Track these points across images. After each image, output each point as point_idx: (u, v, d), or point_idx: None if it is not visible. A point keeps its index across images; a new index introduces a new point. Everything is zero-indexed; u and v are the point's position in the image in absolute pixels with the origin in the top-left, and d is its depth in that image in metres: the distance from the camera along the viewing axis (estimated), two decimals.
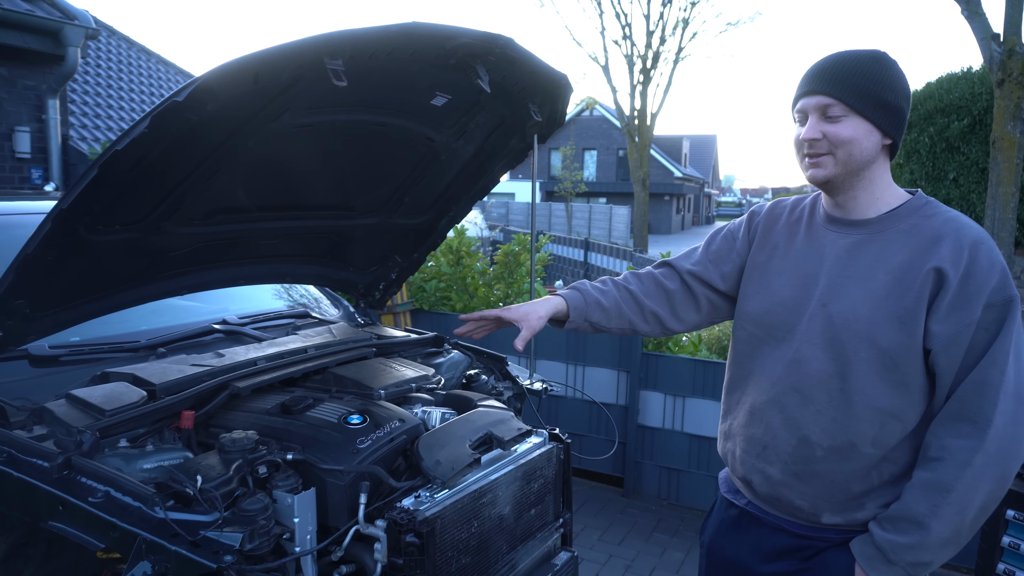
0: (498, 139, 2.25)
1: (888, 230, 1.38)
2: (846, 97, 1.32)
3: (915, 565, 1.30)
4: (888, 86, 1.34)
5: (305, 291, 2.98)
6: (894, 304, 1.32)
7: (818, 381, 1.38)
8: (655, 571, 3.33)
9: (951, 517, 1.27)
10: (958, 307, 1.28)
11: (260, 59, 1.34)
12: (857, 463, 1.36)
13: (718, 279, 1.62)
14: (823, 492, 1.40)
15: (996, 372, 1.26)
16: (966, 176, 12.98)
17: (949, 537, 1.28)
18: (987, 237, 1.32)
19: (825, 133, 1.35)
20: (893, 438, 1.34)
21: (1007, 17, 6.45)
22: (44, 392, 1.78)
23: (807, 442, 1.40)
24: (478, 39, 1.66)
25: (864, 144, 1.34)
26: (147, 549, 1.34)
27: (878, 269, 1.36)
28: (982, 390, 1.27)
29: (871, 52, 1.37)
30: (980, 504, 1.27)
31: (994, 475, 1.26)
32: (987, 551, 2.16)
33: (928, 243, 1.33)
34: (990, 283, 1.28)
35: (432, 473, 1.68)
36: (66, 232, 1.48)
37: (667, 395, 3.99)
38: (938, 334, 1.29)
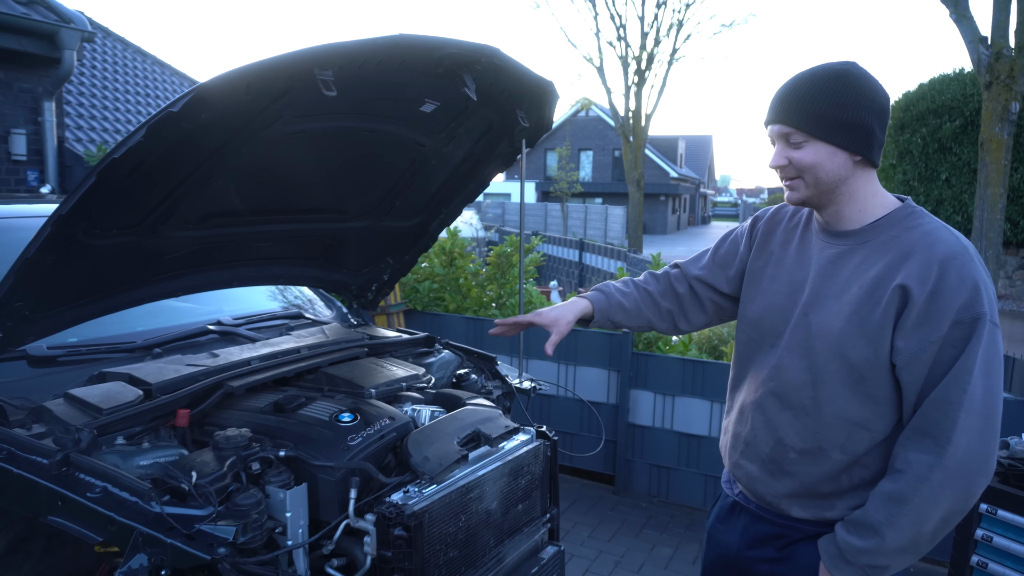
0: (487, 144, 2.31)
1: (870, 242, 1.40)
2: (803, 125, 1.35)
3: (871, 567, 1.35)
4: (847, 105, 1.34)
5: (299, 292, 3.03)
6: (863, 319, 1.35)
7: (794, 388, 1.44)
8: (644, 567, 3.38)
9: (906, 527, 1.30)
10: (923, 324, 1.30)
11: (253, 70, 1.39)
12: (826, 467, 1.42)
13: (724, 283, 1.68)
14: (794, 490, 1.47)
15: (957, 389, 1.28)
16: (958, 176, 13.09)
17: (904, 546, 1.32)
18: (962, 252, 1.31)
19: (790, 159, 1.39)
20: (861, 446, 1.39)
21: (994, 20, 6.53)
22: (42, 392, 1.83)
23: (782, 444, 1.46)
24: (464, 49, 1.71)
25: (828, 166, 1.36)
26: (144, 542, 1.39)
27: (854, 282, 1.39)
28: (943, 407, 1.29)
29: (832, 71, 1.37)
30: (941, 517, 1.30)
31: (954, 490, 1.29)
32: (961, 544, 2.22)
33: (900, 258, 1.35)
34: (958, 301, 1.28)
35: (420, 469, 1.74)
36: (65, 236, 1.53)
37: (657, 394, 4.05)
38: (903, 350, 1.31)
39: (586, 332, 4.23)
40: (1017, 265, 12.84)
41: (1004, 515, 2.14)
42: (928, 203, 13.62)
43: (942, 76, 13.93)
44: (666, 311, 1.73)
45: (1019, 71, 6.42)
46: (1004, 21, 6.49)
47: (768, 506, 1.54)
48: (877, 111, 1.36)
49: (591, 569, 3.34)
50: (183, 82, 10.97)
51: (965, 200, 12.73)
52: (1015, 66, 6.42)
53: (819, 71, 1.38)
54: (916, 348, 1.30)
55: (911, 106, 14.07)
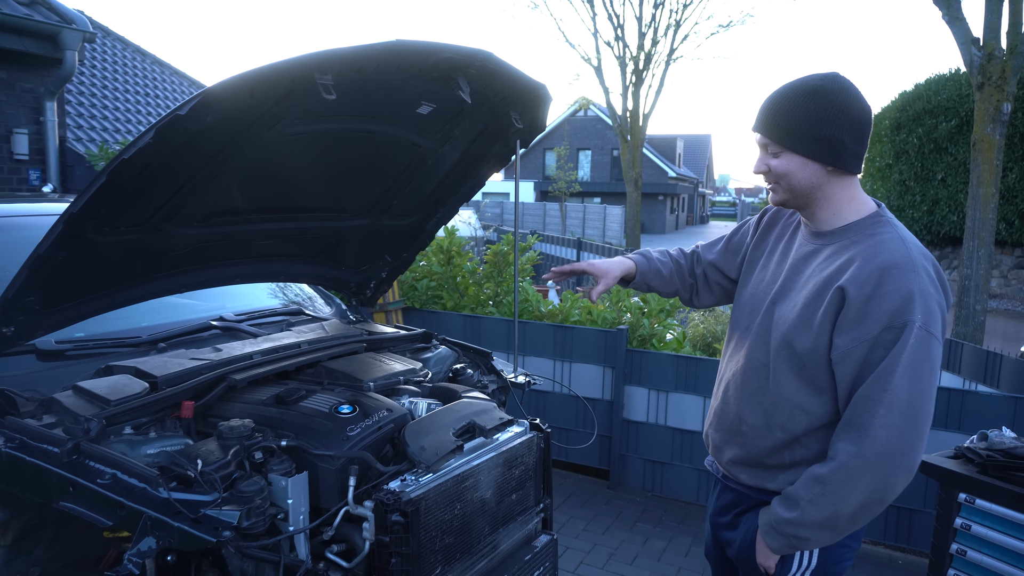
0: (482, 144, 2.37)
1: (834, 243, 1.53)
2: (778, 137, 1.49)
3: (795, 538, 1.51)
4: (821, 119, 1.45)
5: (299, 289, 3.09)
6: (810, 314, 1.49)
7: (755, 369, 1.61)
8: (637, 559, 3.45)
9: (825, 507, 1.44)
10: (857, 324, 1.42)
11: (256, 75, 1.45)
12: (769, 441, 1.58)
13: (732, 270, 1.85)
14: (742, 458, 1.66)
15: (879, 387, 1.39)
16: (953, 176, 13.16)
17: (822, 522, 1.46)
18: (905, 264, 1.41)
19: (769, 166, 1.53)
20: (800, 427, 1.53)
21: (986, 22, 6.59)
22: (51, 384, 1.89)
23: (739, 417, 1.65)
24: (459, 54, 1.78)
25: (800, 175, 1.50)
26: (152, 526, 1.45)
27: (812, 279, 1.52)
28: (866, 402, 1.40)
29: (808, 86, 1.48)
30: (859, 503, 1.42)
31: (870, 480, 1.40)
32: (941, 532, 2.29)
33: (848, 262, 1.47)
34: (891, 307, 1.39)
35: (417, 458, 1.80)
36: (75, 233, 1.59)
37: (651, 390, 4.12)
38: (838, 347, 1.44)
39: (581, 329, 4.30)
40: (1012, 264, 12.92)
41: (982, 504, 2.21)
42: (924, 203, 13.70)
43: (938, 76, 14.00)
44: (689, 285, 1.93)
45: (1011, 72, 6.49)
46: (996, 23, 6.55)
47: (727, 472, 1.74)
48: (850, 124, 1.46)
49: (586, 561, 3.41)
50: (182, 81, 11.03)
51: (961, 200, 12.80)
52: (1007, 67, 6.48)
53: (797, 85, 1.50)
54: (849, 346, 1.42)
55: (907, 106, 14.14)
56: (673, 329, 4.68)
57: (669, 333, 4.62)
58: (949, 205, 13.30)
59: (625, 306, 4.64)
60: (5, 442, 1.65)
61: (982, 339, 6.91)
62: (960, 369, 4.09)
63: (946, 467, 2.30)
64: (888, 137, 14.71)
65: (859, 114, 1.47)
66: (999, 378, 3.73)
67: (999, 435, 2.34)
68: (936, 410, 3.34)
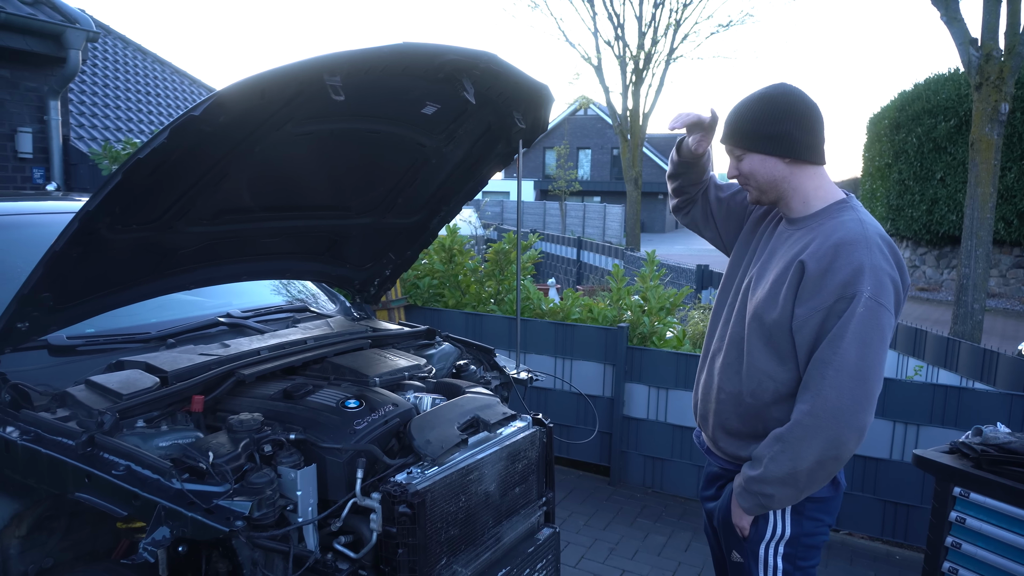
0: (485, 144, 2.41)
1: (803, 228, 1.69)
2: (738, 142, 1.71)
3: (761, 495, 1.64)
4: (769, 119, 1.65)
5: (304, 287, 3.13)
6: (776, 288, 1.64)
7: (734, 343, 1.76)
8: (638, 554, 3.49)
9: (784, 463, 1.58)
10: (814, 295, 1.57)
11: (268, 77, 1.49)
12: (742, 409, 1.73)
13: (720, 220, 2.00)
14: (719, 425, 1.80)
15: (830, 351, 1.53)
16: (953, 176, 13.20)
17: (783, 479, 1.59)
18: (859, 240, 1.56)
19: (739, 170, 1.74)
20: (767, 394, 1.67)
21: (984, 22, 6.63)
22: (63, 379, 1.93)
23: (719, 387, 1.79)
24: (464, 55, 1.81)
25: (762, 171, 1.69)
26: (166, 516, 1.49)
27: (781, 259, 1.68)
28: (819, 366, 1.55)
29: (758, 94, 1.69)
30: (815, 459, 1.55)
31: (824, 437, 1.54)
32: (937, 526, 2.33)
33: (810, 241, 1.63)
34: (843, 278, 1.54)
35: (423, 452, 1.84)
36: (90, 231, 1.63)
37: (651, 387, 4.16)
38: (797, 316, 1.59)
39: (582, 327, 4.34)
40: (1011, 264, 12.95)
41: (976, 498, 2.25)
42: (923, 202, 13.73)
43: (937, 76, 14.03)
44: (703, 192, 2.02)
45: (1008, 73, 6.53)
46: (994, 23, 6.59)
47: (711, 445, 1.86)
48: (795, 119, 1.64)
49: (587, 556, 3.45)
50: (183, 80, 11.06)
51: (960, 199, 12.83)
52: (1005, 68, 6.52)
53: (749, 97, 1.71)
54: (807, 315, 1.58)
55: (906, 106, 14.17)
56: (673, 327, 4.72)
57: (669, 331, 4.65)
58: (948, 204, 13.34)
59: (625, 304, 4.67)
60: (21, 435, 1.69)
61: (980, 338, 6.95)
62: (957, 367, 4.13)
63: (941, 462, 2.34)
64: (887, 137, 14.74)
65: (802, 109, 1.65)
66: (996, 376, 3.77)
67: (993, 430, 2.37)
68: (933, 407, 3.41)
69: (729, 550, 1.81)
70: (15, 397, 1.78)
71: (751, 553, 1.74)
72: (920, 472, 3.29)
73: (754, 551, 1.73)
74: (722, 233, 2.00)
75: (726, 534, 1.81)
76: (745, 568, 1.76)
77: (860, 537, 3.77)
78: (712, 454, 1.89)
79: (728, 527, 1.78)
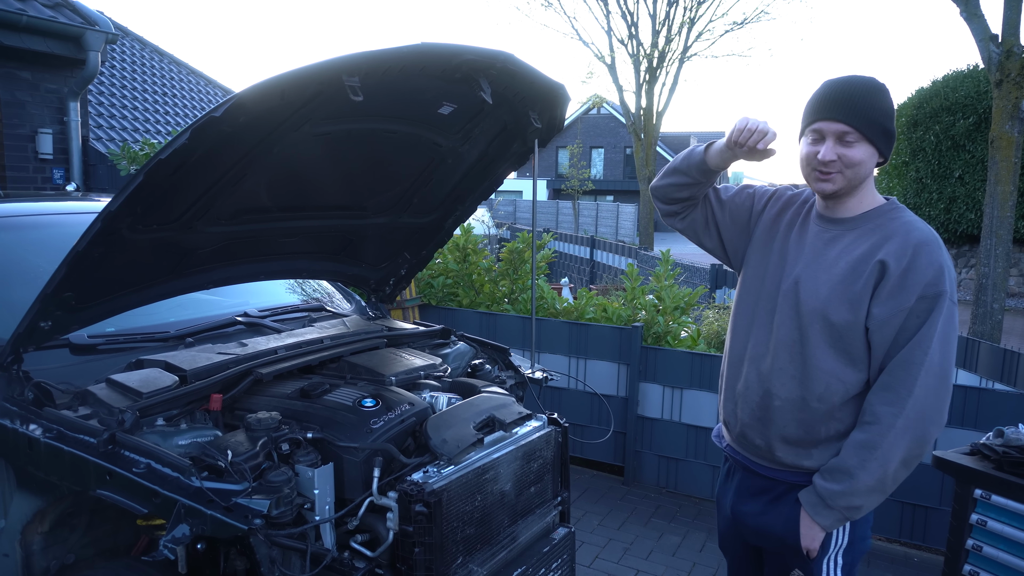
0: (501, 144, 2.41)
1: (859, 228, 1.65)
2: (861, 126, 1.56)
3: (848, 509, 1.59)
4: (888, 115, 1.60)
5: (319, 286, 3.15)
6: (847, 288, 1.60)
7: (784, 345, 1.68)
8: (652, 554, 3.48)
9: (876, 469, 1.54)
10: (895, 295, 1.54)
11: (287, 78, 1.50)
12: (806, 414, 1.65)
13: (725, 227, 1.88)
14: (777, 434, 1.70)
15: (919, 352, 1.52)
16: (971, 174, 13.02)
17: (874, 486, 1.56)
18: (933, 240, 1.57)
19: (840, 156, 1.58)
20: (836, 397, 1.62)
21: (1005, 18, 6.54)
22: (84, 377, 1.95)
23: (769, 393, 1.70)
24: (481, 55, 1.82)
25: (868, 165, 1.62)
26: (186, 513, 1.50)
27: (842, 259, 1.63)
28: (907, 366, 1.53)
29: (876, 84, 1.60)
30: (901, 459, 1.54)
31: (912, 436, 1.53)
32: (957, 528, 2.30)
33: (883, 240, 1.60)
34: (926, 278, 1.53)
35: (439, 451, 1.84)
36: (112, 231, 1.65)
37: (666, 387, 4.14)
38: (876, 315, 1.56)
39: (596, 327, 4.33)
40: None
41: (998, 500, 2.22)
42: (941, 200, 13.56)
43: (956, 73, 13.84)
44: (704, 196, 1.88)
45: None
46: (1015, 19, 6.49)
47: (754, 452, 1.76)
48: (894, 121, 1.62)
49: (601, 556, 3.44)
50: (199, 81, 11.15)
51: (978, 198, 12.67)
52: None
53: (868, 82, 1.60)
54: (887, 315, 1.55)
55: (924, 103, 14.00)
56: (687, 326, 4.70)
57: (684, 330, 4.63)
58: (966, 203, 13.17)
59: (640, 303, 4.66)
60: (43, 432, 1.71)
61: (999, 338, 6.86)
62: (977, 367, 4.08)
63: (962, 463, 2.32)
64: (905, 134, 14.57)
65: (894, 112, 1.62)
66: (1016, 376, 3.72)
67: (1015, 432, 2.34)
68: (952, 407, 3.35)
69: (788, 568, 1.75)
70: (38, 395, 1.80)
71: (815, 568, 1.68)
72: (939, 473, 3.25)
73: (818, 565, 1.68)
74: (725, 239, 1.87)
75: (789, 555, 1.72)
76: None
77: (878, 539, 3.73)
78: (758, 464, 1.77)
79: (792, 548, 1.68)
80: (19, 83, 5.87)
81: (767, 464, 1.74)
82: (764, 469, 1.75)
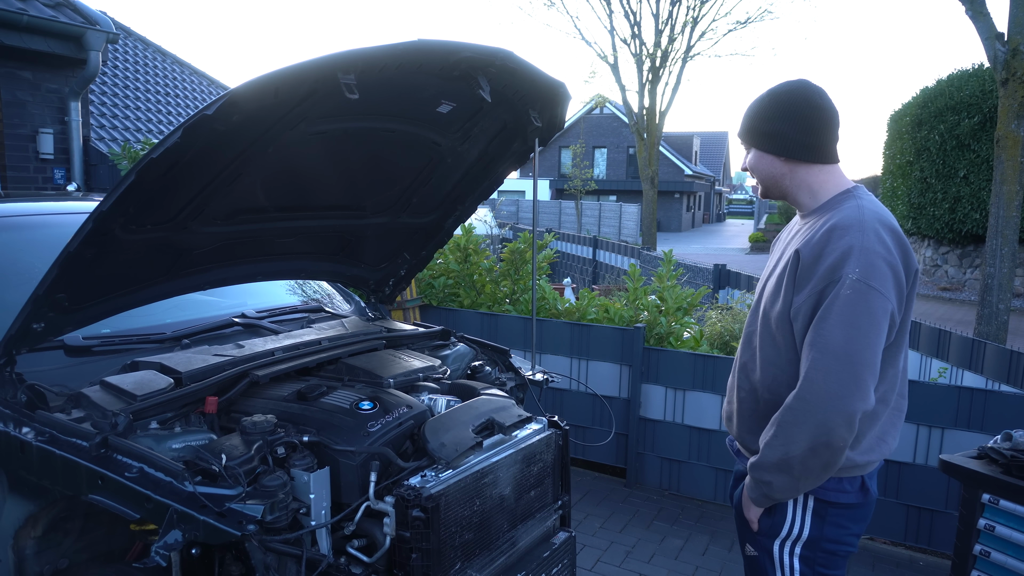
0: (501, 143, 2.38)
1: (810, 220, 1.70)
2: (742, 136, 1.77)
3: (761, 483, 1.64)
4: (767, 117, 1.68)
5: (319, 287, 3.12)
6: (779, 281, 1.66)
7: (747, 341, 1.78)
8: (654, 557, 3.45)
9: (777, 447, 1.57)
10: (807, 281, 1.57)
11: (281, 75, 1.47)
12: (759, 405, 1.72)
13: None
14: (743, 425, 1.78)
15: (815, 334, 1.52)
16: (976, 174, 12.95)
17: (778, 464, 1.57)
18: (851, 224, 1.55)
19: (747, 163, 1.79)
20: (782, 388, 1.64)
21: (1011, 17, 6.48)
22: (78, 379, 1.93)
23: (738, 386, 1.80)
24: (479, 53, 1.79)
25: (760, 167, 1.74)
26: (178, 519, 1.48)
27: (786, 251, 1.70)
28: (806, 349, 1.55)
29: (773, 89, 1.70)
30: (806, 445, 1.52)
31: (813, 421, 1.50)
32: (964, 533, 2.26)
33: (808, 231, 1.64)
34: (830, 262, 1.53)
35: (437, 455, 1.81)
36: (104, 231, 1.62)
37: (668, 388, 4.11)
38: (793, 304, 1.60)
39: (598, 327, 4.29)
40: None
41: (1006, 505, 2.19)
42: (946, 200, 13.49)
43: (960, 72, 13.77)
44: None
45: None
46: (1022, 17, 6.42)
47: (740, 445, 1.84)
48: (792, 118, 1.65)
49: (603, 559, 3.41)
50: (202, 81, 11.14)
51: (984, 197, 12.60)
52: None
53: (766, 92, 1.73)
54: (800, 302, 1.58)
55: (929, 103, 13.93)
56: (690, 327, 4.66)
57: (686, 331, 4.60)
58: (971, 203, 13.10)
59: (642, 304, 4.63)
60: (36, 436, 1.69)
61: (1005, 338, 6.81)
62: (983, 369, 4.04)
63: (969, 467, 2.28)
64: (909, 134, 14.51)
65: (803, 110, 1.65)
66: (1023, 378, 3.68)
67: (1023, 435, 2.30)
68: (958, 410, 3.33)
69: (743, 543, 1.81)
70: (31, 398, 1.78)
71: (764, 548, 1.73)
72: (944, 476, 3.21)
73: (767, 547, 1.72)
74: None
75: (739, 526, 1.82)
76: (759, 564, 1.75)
77: (882, 542, 3.69)
78: (740, 454, 1.88)
79: (741, 519, 1.79)
80: (20, 83, 5.86)
81: (744, 453, 1.82)
82: (742, 458, 1.84)
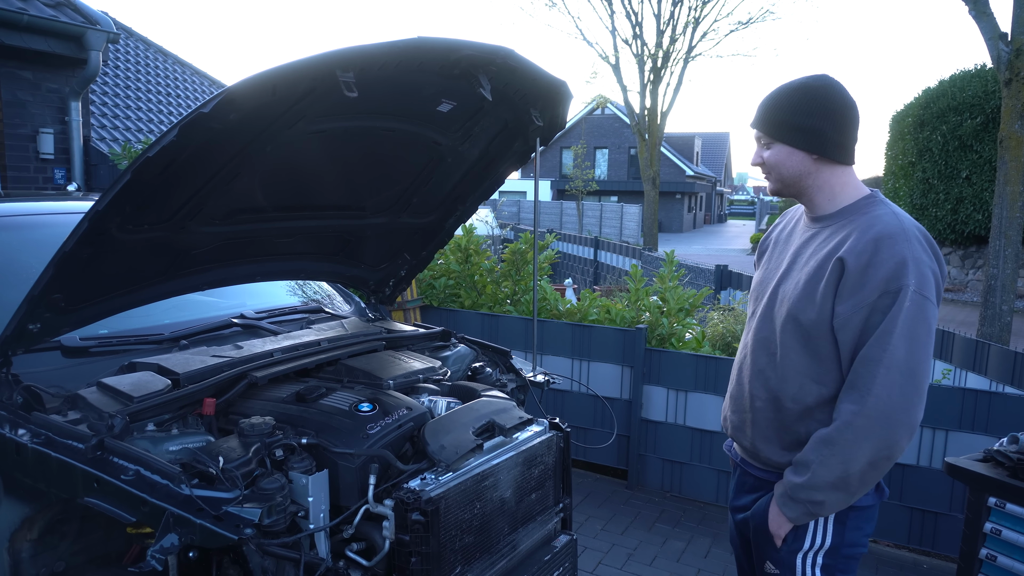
0: (502, 142, 2.36)
1: (833, 224, 1.64)
2: (767, 129, 1.66)
3: (811, 503, 1.57)
4: (804, 112, 1.60)
5: (318, 287, 3.10)
6: (813, 287, 1.59)
7: (762, 346, 1.71)
8: (656, 560, 3.42)
9: (835, 466, 1.52)
10: (856, 292, 1.52)
11: (279, 72, 1.45)
12: (782, 415, 1.66)
13: None
14: (759, 435, 1.72)
15: (878, 348, 1.48)
16: (979, 174, 12.93)
17: (835, 483, 1.52)
18: (897, 233, 1.52)
19: (763, 158, 1.69)
20: (810, 397, 1.61)
21: (1015, 16, 6.46)
22: (75, 380, 1.91)
23: (751, 395, 1.73)
24: (480, 51, 1.77)
25: (788, 163, 1.65)
26: (174, 522, 1.46)
27: (813, 257, 1.63)
28: (867, 363, 1.50)
29: (797, 84, 1.63)
30: (867, 460, 1.50)
31: (876, 437, 1.48)
32: (970, 537, 2.24)
33: (846, 236, 1.58)
34: (887, 273, 1.49)
35: (437, 457, 1.79)
36: (100, 231, 1.60)
37: (670, 390, 4.08)
38: (839, 314, 1.54)
39: (599, 328, 4.27)
40: None
41: (1013, 509, 2.16)
42: (948, 201, 13.46)
43: (963, 72, 13.74)
44: None
45: None
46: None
47: (746, 452, 1.79)
48: (830, 116, 1.59)
49: (604, 561, 3.39)
50: (203, 81, 11.13)
51: (986, 198, 12.57)
52: None
53: (788, 84, 1.65)
54: (849, 312, 1.52)
55: (931, 103, 13.90)
56: (692, 328, 4.64)
57: (688, 332, 4.58)
58: (974, 203, 13.06)
59: (644, 305, 4.61)
60: (31, 438, 1.67)
61: (1008, 340, 6.78)
62: (987, 370, 4.01)
63: (975, 470, 2.25)
64: (911, 135, 14.47)
65: (839, 107, 1.60)
66: None
67: None
68: (963, 412, 3.31)
69: (762, 560, 1.73)
70: (27, 399, 1.76)
71: (787, 564, 1.67)
72: (949, 479, 3.19)
73: (790, 562, 1.66)
74: None
75: (761, 543, 1.73)
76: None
77: (886, 545, 3.67)
78: (749, 464, 1.81)
79: (763, 536, 1.70)
80: (20, 83, 5.85)
81: (756, 464, 1.77)
82: (754, 469, 1.78)
